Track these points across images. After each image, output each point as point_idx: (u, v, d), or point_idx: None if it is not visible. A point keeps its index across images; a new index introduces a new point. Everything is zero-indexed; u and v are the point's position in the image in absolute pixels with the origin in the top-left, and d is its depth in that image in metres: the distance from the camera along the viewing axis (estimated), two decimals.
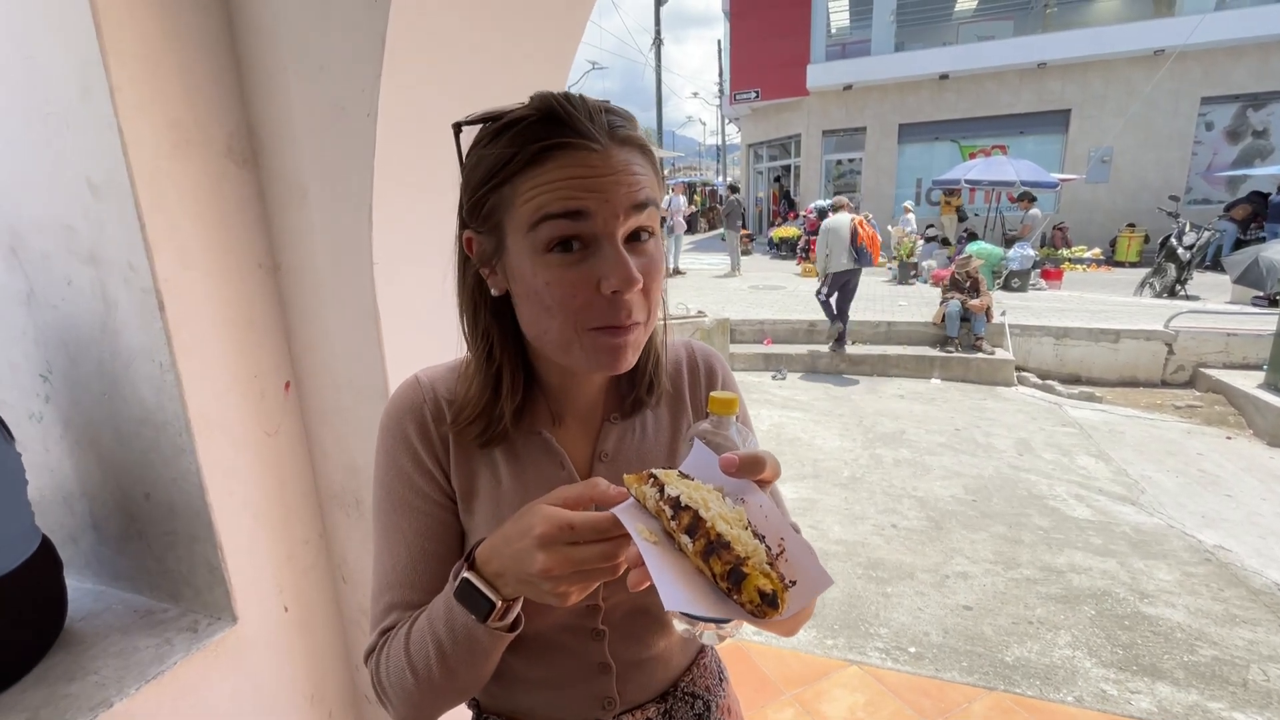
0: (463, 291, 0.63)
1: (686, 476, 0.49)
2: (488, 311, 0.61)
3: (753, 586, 0.40)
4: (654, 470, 0.48)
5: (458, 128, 0.59)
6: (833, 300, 6.70)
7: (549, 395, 0.66)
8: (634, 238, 0.55)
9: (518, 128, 0.53)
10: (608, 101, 0.57)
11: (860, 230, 6.39)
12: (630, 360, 0.57)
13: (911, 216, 12.13)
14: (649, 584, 0.42)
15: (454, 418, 0.63)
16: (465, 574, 0.53)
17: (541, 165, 0.52)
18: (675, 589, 0.41)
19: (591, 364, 0.57)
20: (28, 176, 1.03)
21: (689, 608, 0.41)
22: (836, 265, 6.47)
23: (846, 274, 6.53)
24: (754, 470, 0.48)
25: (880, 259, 8.82)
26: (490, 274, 0.59)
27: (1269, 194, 11.17)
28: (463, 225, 0.61)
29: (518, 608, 0.55)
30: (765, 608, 0.40)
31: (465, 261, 0.62)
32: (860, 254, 6.39)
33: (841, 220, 6.47)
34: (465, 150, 0.60)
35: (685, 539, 0.43)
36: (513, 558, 0.49)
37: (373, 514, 0.65)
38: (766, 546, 0.44)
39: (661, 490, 0.46)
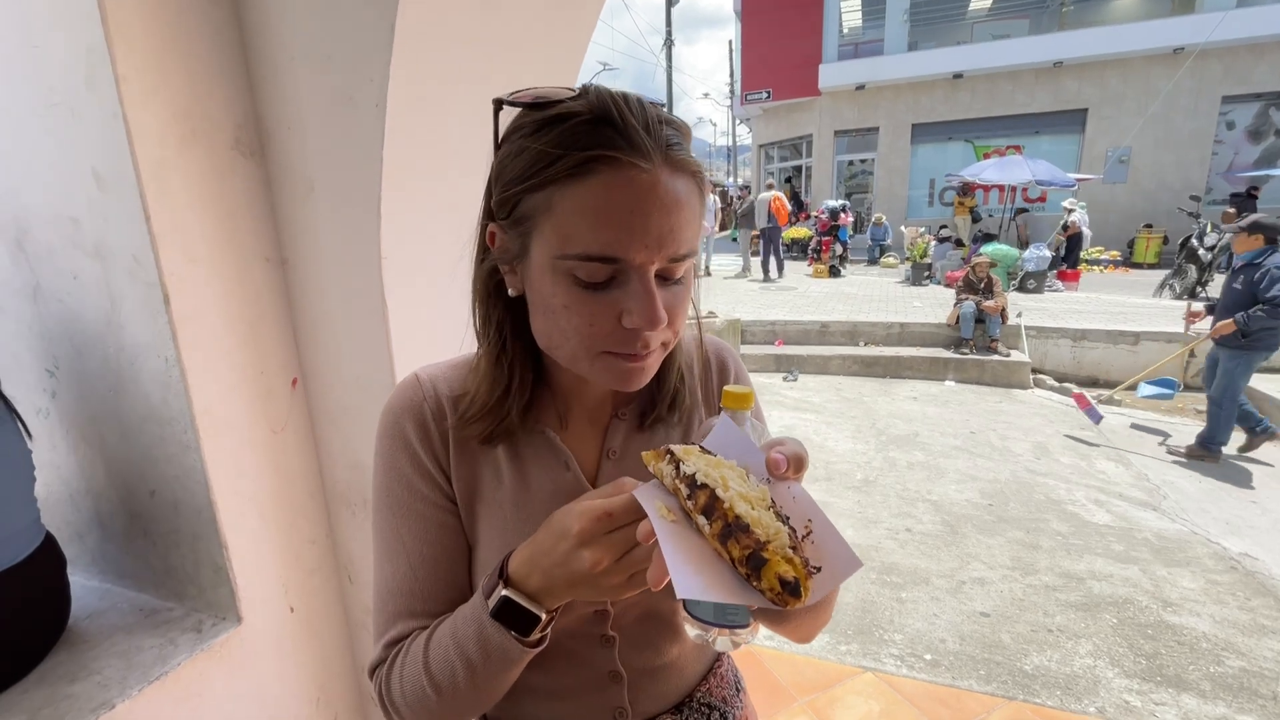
0: (477, 282, 0.60)
1: (708, 453, 0.46)
2: (501, 305, 0.59)
3: (773, 573, 0.37)
4: (671, 446, 0.46)
5: (499, 104, 0.54)
6: (766, 251, 11.38)
7: (556, 394, 0.64)
8: (667, 272, 0.52)
9: (566, 125, 0.49)
10: (663, 107, 0.53)
11: (774, 203, 11.05)
12: (644, 381, 0.55)
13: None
14: (667, 580, 0.39)
15: (460, 413, 0.60)
16: (504, 592, 0.51)
17: (584, 180, 0.48)
18: (690, 576, 0.38)
19: (602, 381, 0.55)
20: (33, 168, 1.02)
21: (705, 595, 0.38)
22: (762, 224, 11.25)
23: (770, 230, 11.22)
24: (801, 468, 0.47)
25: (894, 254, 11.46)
26: (509, 272, 0.56)
27: (1249, 190, 11.03)
28: (488, 216, 0.57)
29: (551, 624, 0.53)
30: (787, 596, 0.37)
31: (484, 252, 0.58)
32: (772, 217, 11.08)
33: (766, 195, 11.25)
34: (503, 132, 0.55)
35: (702, 520, 0.40)
36: (557, 564, 0.48)
37: (372, 519, 0.63)
38: (791, 529, 0.41)
39: (678, 467, 0.43)
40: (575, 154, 0.48)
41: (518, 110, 0.53)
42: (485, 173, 0.57)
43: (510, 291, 0.57)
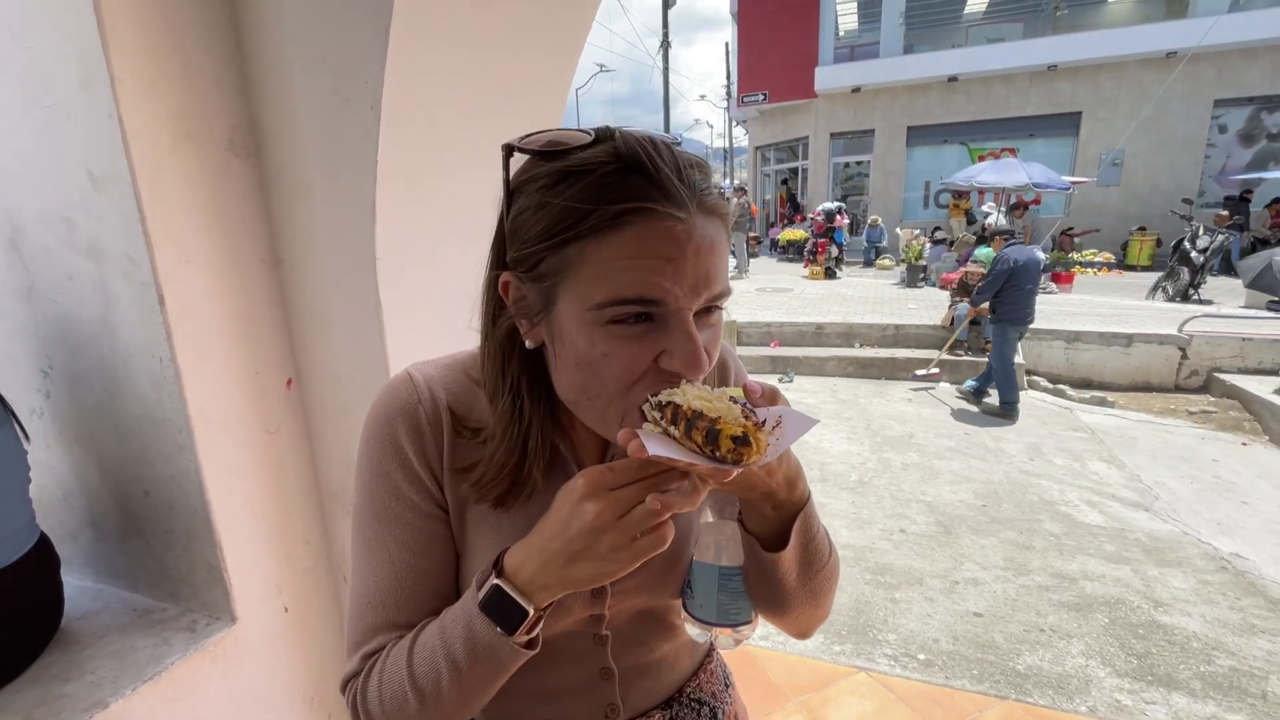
0: (491, 339, 0.57)
1: None
2: (518, 361, 0.56)
3: (727, 436, 0.43)
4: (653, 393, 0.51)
5: (509, 151, 0.51)
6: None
7: (573, 441, 0.62)
8: (703, 310, 0.51)
9: (593, 177, 0.47)
10: (678, 141, 0.52)
11: (753, 207, 14.73)
12: None
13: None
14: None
15: (475, 480, 0.57)
16: (495, 580, 0.50)
17: (617, 232, 0.46)
18: (657, 445, 0.44)
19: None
20: (28, 168, 1.02)
21: (668, 453, 0.44)
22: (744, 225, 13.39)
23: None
24: (775, 400, 0.51)
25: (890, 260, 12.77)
26: (529, 327, 0.54)
27: (1242, 194, 11.19)
28: (499, 267, 0.54)
29: (540, 624, 0.52)
30: (741, 449, 0.43)
31: (498, 307, 0.55)
32: (751, 219, 14.41)
33: (743, 200, 13.43)
34: (514, 176, 0.53)
35: (673, 429, 0.46)
36: (557, 533, 0.48)
37: (353, 524, 0.60)
38: (752, 411, 0.46)
39: (653, 400, 0.50)
40: (607, 208, 0.46)
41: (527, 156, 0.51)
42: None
43: (528, 344, 0.54)
